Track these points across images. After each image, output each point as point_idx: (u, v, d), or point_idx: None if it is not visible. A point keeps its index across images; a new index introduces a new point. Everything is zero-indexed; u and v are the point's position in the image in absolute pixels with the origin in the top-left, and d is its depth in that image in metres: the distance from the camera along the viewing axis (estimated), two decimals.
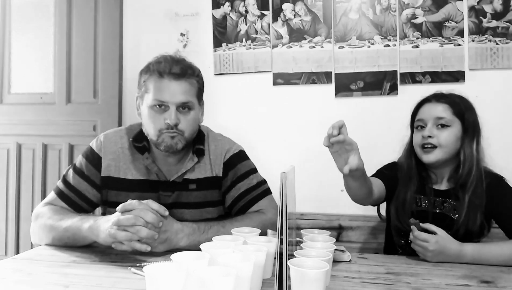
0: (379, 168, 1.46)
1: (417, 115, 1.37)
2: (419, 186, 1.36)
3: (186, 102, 1.22)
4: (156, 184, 1.29)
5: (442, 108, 1.31)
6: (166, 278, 0.74)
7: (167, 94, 1.19)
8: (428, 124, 1.31)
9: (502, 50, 1.85)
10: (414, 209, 1.35)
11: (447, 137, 1.29)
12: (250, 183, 1.32)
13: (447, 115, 1.30)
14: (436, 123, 1.31)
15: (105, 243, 1.06)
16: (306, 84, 2.02)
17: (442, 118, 1.30)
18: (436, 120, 1.31)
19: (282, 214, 0.78)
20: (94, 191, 1.29)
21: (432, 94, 1.37)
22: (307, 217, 1.81)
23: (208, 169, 1.31)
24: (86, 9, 2.25)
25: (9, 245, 2.32)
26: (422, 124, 1.33)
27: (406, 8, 1.93)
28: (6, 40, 2.38)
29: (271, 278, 0.94)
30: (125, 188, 1.28)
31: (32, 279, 0.95)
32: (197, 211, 1.30)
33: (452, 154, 1.31)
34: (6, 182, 2.34)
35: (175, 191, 1.29)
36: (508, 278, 1.00)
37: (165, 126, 1.20)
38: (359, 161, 1.09)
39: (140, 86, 1.26)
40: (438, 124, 1.30)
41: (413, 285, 0.95)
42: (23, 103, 2.35)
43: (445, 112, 1.31)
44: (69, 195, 1.27)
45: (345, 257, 1.14)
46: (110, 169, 1.29)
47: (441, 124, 1.30)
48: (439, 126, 1.30)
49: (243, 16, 2.09)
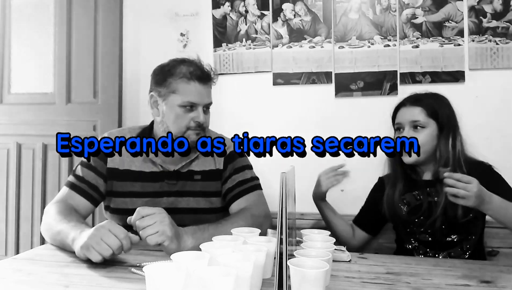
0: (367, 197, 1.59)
1: (396, 119, 1.46)
2: (409, 182, 1.44)
3: (210, 103, 1.37)
4: (160, 174, 1.37)
5: (417, 111, 1.40)
6: (166, 278, 0.73)
7: (197, 96, 1.32)
8: (405, 127, 1.41)
9: (502, 50, 1.85)
10: (413, 204, 1.41)
11: (423, 138, 1.38)
12: (245, 176, 1.42)
13: (422, 118, 1.39)
14: (412, 126, 1.40)
15: (82, 257, 1.05)
16: (306, 84, 2.02)
17: (417, 121, 1.39)
18: (412, 122, 1.40)
19: (282, 214, 0.78)
20: (101, 181, 1.37)
21: (407, 97, 1.47)
22: (307, 217, 1.81)
23: (212, 163, 1.41)
24: (86, 9, 2.25)
25: (9, 245, 2.32)
26: (400, 127, 1.43)
27: (406, 8, 1.93)
28: (6, 40, 2.38)
29: (271, 278, 0.95)
30: (130, 179, 1.37)
31: (32, 279, 0.95)
32: (202, 200, 1.39)
33: (430, 152, 1.40)
34: (6, 182, 2.34)
35: (180, 181, 1.37)
36: (508, 278, 1.00)
37: (193, 124, 1.32)
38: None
39: (162, 85, 1.33)
40: (414, 126, 1.40)
41: (413, 285, 0.95)
42: (23, 103, 2.35)
43: (420, 115, 1.40)
44: (80, 186, 1.34)
45: (345, 257, 1.14)
46: (115, 160, 1.38)
47: (417, 126, 1.39)
48: (416, 128, 1.40)
49: (243, 16, 2.09)
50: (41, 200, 2.28)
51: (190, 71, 1.31)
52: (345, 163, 1.49)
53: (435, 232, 1.37)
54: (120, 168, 1.37)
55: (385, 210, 1.45)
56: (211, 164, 1.41)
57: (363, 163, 1.63)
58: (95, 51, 2.24)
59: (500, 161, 1.78)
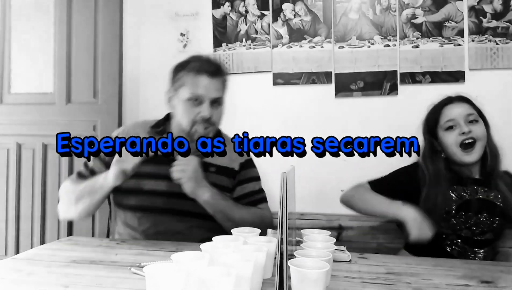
0: (394, 171, 1.51)
1: (443, 117, 1.41)
2: (455, 181, 1.40)
3: (219, 97, 1.37)
4: (172, 158, 1.33)
5: (467, 106, 1.40)
6: (166, 278, 0.73)
7: (203, 89, 1.33)
8: (461, 122, 1.38)
9: (502, 50, 1.85)
10: (458, 202, 1.38)
11: (481, 132, 1.37)
12: (255, 187, 1.46)
13: (474, 112, 1.39)
14: (467, 120, 1.38)
15: (115, 179, 1.22)
16: (306, 84, 2.02)
17: (472, 114, 1.38)
18: (467, 116, 1.38)
19: (282, 214, 0.78)
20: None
21: (448, 98, 1.45)
22: (307, 217, 1.81)
23: (226, 161, 1.43)
24: (86, 9, 2.25)
25: (9, 245, 2.32)
26: (455, 124, 1.39)
27: (406, 8, 1.93)
28: (6, 40, 2.38)
29: (271, 278, 0.94)
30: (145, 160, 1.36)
31: (32, 279, 0.95)
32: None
33: (484, 148, 1.39)
34: (6, 182, 2.34)
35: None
36: (508, 278, 1.00)
37: (199, 118, 1.33)
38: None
39: (175, 80, 1.38)
40: (470, 121, 1.38)
41: (413, 285, 0.95)
42: (23, 103, 2.35)
43: (471, 109, 1.40)
44: (86, 174, 1.39)
45: (345, 257, 1.14)
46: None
47: (472, 120, 1.38)
48: (471, 122, 1.38)
49: (243, 16, 2.09)
50: (41, 200, 2.28)
51: (199, 65, 1.34)
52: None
53: (476, 230, 1.36)
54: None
55: (423, 199, 1.39)
56: (225, 162, 1.42)
57: (363, 163, 1.62)
58: (95, 51, 2.24)
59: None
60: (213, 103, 1.35)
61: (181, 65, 1.38)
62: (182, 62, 1.39)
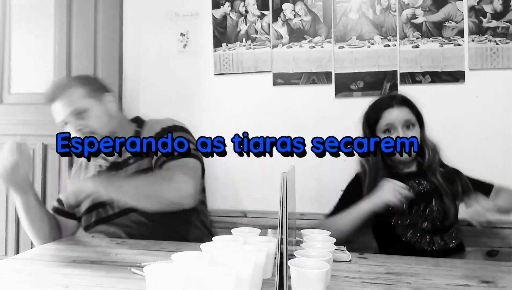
0: (342, 195, 1.60)
1: (382, 120, 1.49)
2: (392, 176, 1.45)
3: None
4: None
5: (406, 111, 1.49)
6: (166, 278, 0.73)
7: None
8: (398, 127, 1.46)
9: (502, 50, 1.85)
10: (409, 195, 1.41)
11: (417, 134, 1.48)
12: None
13: (412, 117, 1.49)
14: (405, 125, 1.47)
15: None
16: (306, 84, 2.02)
17: (409, 120, 1.48)
18: (405, 122, 1.47)
19: (282, 214, 0.78)
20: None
21: (389, 98, 1.56)
22: (307, 217, 1.81)
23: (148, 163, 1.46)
24: (86, 9, 2.25)
25: (9, 245, 2.32)
26: (391, 127, 1.48)
27: (406, 8, 1.93)
28: (6, 40, 2.37)
29: (271, 278, 0.95)
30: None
31: (32, 279, 0.95)
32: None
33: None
34: None
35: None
36: (508, 278, 1.00)
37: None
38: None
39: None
40: (407, 126, 1.47)
41: (413, 285, 0.95)
42: (23, 103, 2.34)
43: (409, 114, 1.49)
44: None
45: (345, 257, 1.14)
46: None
47: (409, 125, 1.48)
48: (408, 128, 1.47)
49: (243, 16, 2.08)
50: (41, 200, 2.28)
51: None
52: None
53: (434, 218, 1.43)
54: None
55: (366, 186, 1.48)
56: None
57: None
58: (95, 51, 2.24)
59: (501, 161, 1.78)
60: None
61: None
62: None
